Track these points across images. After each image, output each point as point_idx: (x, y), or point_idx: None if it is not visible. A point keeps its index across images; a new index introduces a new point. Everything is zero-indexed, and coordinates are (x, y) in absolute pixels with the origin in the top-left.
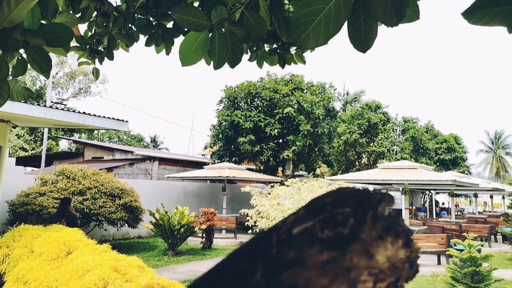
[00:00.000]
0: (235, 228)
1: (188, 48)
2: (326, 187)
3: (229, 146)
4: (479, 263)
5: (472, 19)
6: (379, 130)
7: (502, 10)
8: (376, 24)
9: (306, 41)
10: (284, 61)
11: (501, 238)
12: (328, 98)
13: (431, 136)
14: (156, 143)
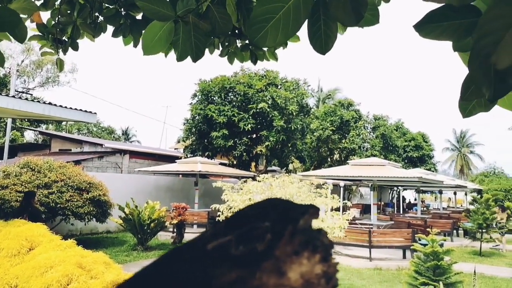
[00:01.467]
0: (206, 223)
1: (151, 37)
2: (297, 182)
3: (202, 141)
4: (441, 257)
5: (422, 32)
6: (351, 127)
7: (451, 25)
8: (336, 26)
9: (264, 39)
10: (256, 58)
11: (463, 233)
12: (302, 94)
13: (400, 134)
14: (127, 135)
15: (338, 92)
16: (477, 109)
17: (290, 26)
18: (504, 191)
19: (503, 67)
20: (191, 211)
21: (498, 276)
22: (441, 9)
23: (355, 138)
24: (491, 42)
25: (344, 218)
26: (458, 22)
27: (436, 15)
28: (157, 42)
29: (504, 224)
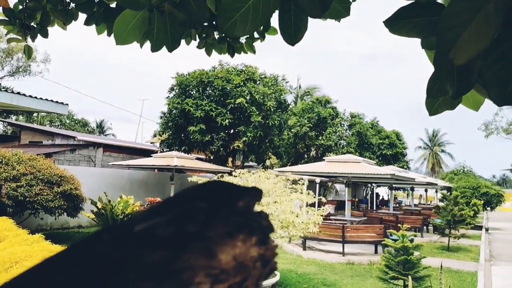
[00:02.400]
0: None
1: (124, 27)
2: (273, 178)
3: (179, 135)
4: (410, 252)
5: (392, 28)
6: (328, 124)
7: (419, 22)
8: (306, 17)
9: (233, 28)
10: (233, 50)
11: (432, 229)
12: (280, 90)
13: (375, 132)
14: (102, 129)
15: (317, 90)
16: (443, 107)
17: (259, 16)
18: (472, 188)
19: (461, 63)
20: None
21: (464, 270)
22: (410, 6)
23: (332, 135)
24: (451, 38)
25: (318, 213)
26: (426, 19)
27: (405, 12)
28: (130, 31)
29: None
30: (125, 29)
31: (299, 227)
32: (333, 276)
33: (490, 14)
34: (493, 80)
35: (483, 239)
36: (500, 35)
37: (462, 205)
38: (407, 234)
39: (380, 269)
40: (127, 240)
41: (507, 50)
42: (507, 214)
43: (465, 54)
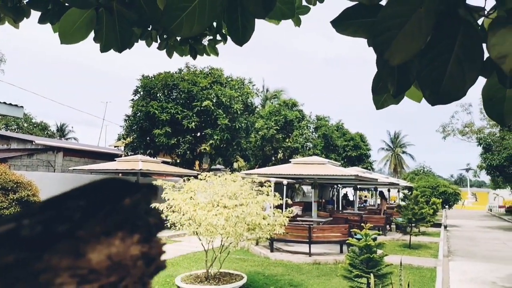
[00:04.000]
0: None
1: (69, 25)
2: (240, 180)
3: (144, 138)
4: (373, 250)
5: (339, 28)
6: (295, 127)
7: (364, 23)
8: (253, 17)
9: (180, 27)
10: (195, 52)
11: (395, 227)
12: (247, 93)
13: (340, 134)
14: (63, 132)
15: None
16: (388, 102)
17: (206, 16)
18: (431, 188)
19: (396, 64)
20: None
21: (424, 266)
22: (355, 7)
23: (298, 137)
24: (385, 40)
25: (284, 215)
26: (369, 20)
27: (351, 13)
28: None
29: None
30: (71, 28)
31: (265, 229)
32: (299, 276)
33: (422, 17)
34: (426, 81)
35: (442, 236)
36: (432, 38)
37: (422, 204)
38: (370, 233)
39: (344, 268)
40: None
41: (439, 53)
42: (464, 212)
43: (400, 55)
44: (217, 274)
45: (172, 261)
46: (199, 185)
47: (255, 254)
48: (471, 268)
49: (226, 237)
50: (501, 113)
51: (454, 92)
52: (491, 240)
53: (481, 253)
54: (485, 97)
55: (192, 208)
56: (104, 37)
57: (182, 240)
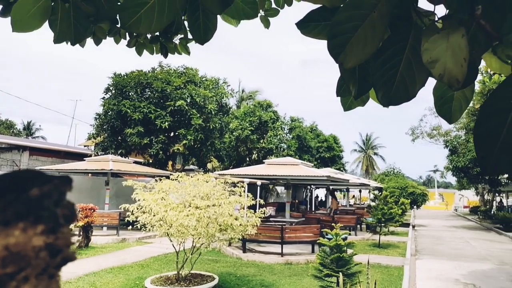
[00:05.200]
0: (117, 224)
1: (23, 13)
2: (212, 181)
3: (115, 138)
4: (343, 249)
5: (303, 30)
6: (269, 128)
7: (327, 25)
8: (215, 16)
9: (137, 24)
10: (166, 50)
11: (365, 227)
12: (222, 93)
13: (314, 136)
14: (30, 131)
15: (259, 93)
16: (355, 104)
17: (165, 14)
18: (400, 188)
19: (349, 67)
20: (101, 212)
21: (392, 265)
22: (319, 10)
23: (273, 138)
24: (339, 43)
25: (256, 215)
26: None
27: (314, 15)
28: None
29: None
30: (24, 16)
31: (237, 229)
32: (271, 276)
33: (375, 21)
34: (379, 83)
35: (410, 236)
36: (385, 41)
37: (391, 204)
38: (340, 232)
39: (315, 267)
40: None
41: (391, 55)
42: (431, 212)
43: (353, 59)
44: (188, 276)
45: (142, 263)
46: (171, 186)
47: (227, 255)
48: (436, 266)
49: (197, 238)
50: (449, 111)
51: (405, 94)
52: (455, 239)
53: (446, 251)
54: (435, 96)
55: (163, 208)
56: (58, 28)
57: (153, 241)
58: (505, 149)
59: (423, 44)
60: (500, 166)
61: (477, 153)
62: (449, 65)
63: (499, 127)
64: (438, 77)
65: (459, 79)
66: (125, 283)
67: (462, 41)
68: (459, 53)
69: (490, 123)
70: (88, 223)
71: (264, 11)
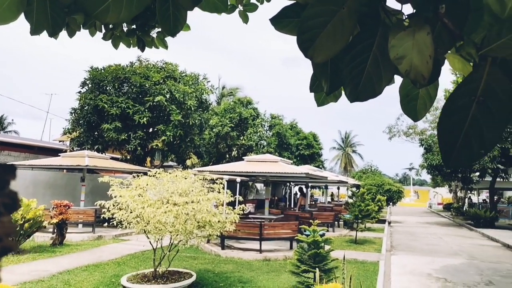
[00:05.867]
0: (93, 221)
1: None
2: (190, 177)
3: (92, 133)
4: (321, 246)
5: (278, 26)
6: (249, 125)
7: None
8: (186, 9)
9: (106, 13)
10: (143, 44)
11: (343, 223)
12: (201, 89)
13: (294, 133)
14: (2, 125)
15: (239, 90)
16: (328, 99)
17: (134, 3)
18: (377, 186)
19: (318, 62)
20: (76, 209)
21: (368, 261)
22: (292, 6)
23: (253, 135)
24: (309, 38)
25: (235, 212)
26: None
27: (288, 11)
28: (6, 10)
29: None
30: (0, 7)
31: (216, 226)
32: (249, 273)
33: (344, 17)
34: (347, 79)
35: (386, 232)
36: (354, 38)
37: (368, 201)
38: (318, 229)
39: (293, 263)
40: None
41: (359, 52)
42: (406, 209)
43: (322, 54)
44: (166, 273)
45: (118, 260)
46: (149, 182)
47: (206, 252)
48: (410, 261)
49: (175, 235)
50: (415, 109)
51: (372, 90)
52: (429, 235)
53: (420, 247)
54: (401, 94)
55: (141, 205)
56: (35, 19)
57: (130, 238)
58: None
59: (390, 41)
60: (461, 160)
61: (441, 148)
62: (415, 62)
63: (461, 123)
64: (405, 73)
65: (425, 75)
66: (101, 281)
67: (427, 39)
68: (425, 50)
69: (452, 119)
70: (63, 220)
71: (243, 6)
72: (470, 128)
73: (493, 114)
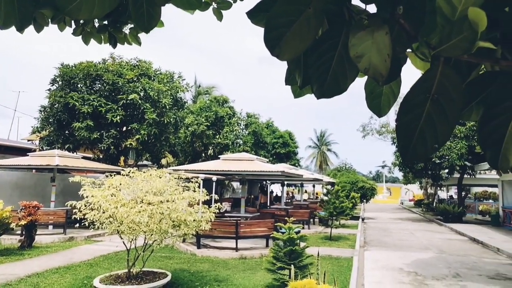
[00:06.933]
0: (64, 222)
1: None
2: (165, 176)
3: (62, 132)
4: (296, 243)
5: (254, 19)
6: (225, 123)
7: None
8: (159, 4)
9: (78, 10)
10: (115, 40)
11: (318, 220)
12: (176, 87)
13: (270, 132)
14: None
15: (215, 89)
16: (304, 92)
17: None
18: (351, 183)
19: (284, 60)
20: (46, 210)
21: (342, 256)
22: (267, 0)
23: (229, 134)
24: (275, 36)
25: (211, 211)
26: None
27: (263, 5)
28: None
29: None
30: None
31: (191, 225)
32: (225, 271)
33: (310, 17)
34: (314, 76)
35: (359, 228)
36: (320, 37)
37: (343, 198)
38: (293, 226)
39: (268, 261)
40: None
41: (326, 51)
42: (379, 205)
43: (288, 53)
44: (140, 273)
45: (91, 262)
46: (122, 181)
47: (181, 251)
48: (383, 256)
49: (149, 234)
50: (379, 106)
51: (337, 88)
52: (401, 230)
53: (392, 242)
54: (366, 91)
55: (114, 205)
56: (3, 12)
57: (103, 239)
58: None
59: (351, 39)
60: (417, 154)
61: (398, 143)
62: (373, 60)
63: (417, 119)
64: (364, 71)
65: (383, 73)
66: (72, 283)
67: (385, 38)
68: (383, 49)
69: (409, 115)
70: (32, 222)
71: (217, 4)
72: (425, 124)
73: (446, 111)
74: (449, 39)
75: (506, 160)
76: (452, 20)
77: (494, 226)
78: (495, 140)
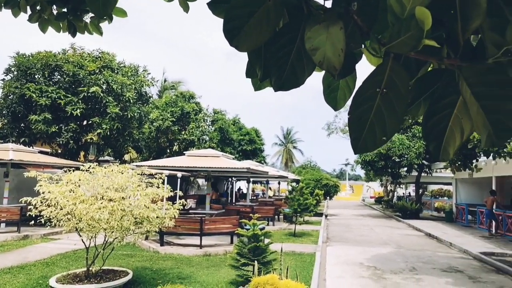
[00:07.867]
0: (18, 220)
1: None
2: (128, 172)
3: (17, 124)
4: (260, 239)
5: (215, 11)
6: (191, 119)
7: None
8: None
9: None
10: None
11: (283, 217)
12: (141, 81)
13: (236, 129)
14: None
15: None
16: (264, 85)
17: None
18: (315, 180)
19: (243, 51)
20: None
21: (305, 252)
22: None
23: (195, 130)
24: (234, 27)
25: (174, 207)
26: None
27: None
28: None
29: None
30: None
31: (154, 222)
32: (189, 269)
33: (270, 10)
34: (273, 69)
35: (323, 224)
36: (280, 30)
37: (307, 195)
38: (257, 223)
39: (232, 257)
40: None
41: (285, 44)
42: (342, 202)
43: (247, 44)
44: (99, 272)
45: (47, 261)
46: (82, 177)
47: (143, 249)
48: (344, 251)
49: (110, 232)
50: (335, 100)
51: (295, 80)
52: (362, 226)
53: (354, 238)
54: (324, 85)
55: (72, 201)
56: None
57: (61, 237)
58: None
59: (307, 33)
60: (367, 146)
61: (350, 135)
62: (328, 54)
63: (367, 112)
64: (318, 64)
65: (336, 67)
66: (26, 283)
67: (339, 33)
68: (337, 44)
69: (360, 108)
70: None
71: None
72: (375, 117)
73: (394, 105)
74: (398, 36)
75: (446, 153)
76: (401, 18)
77: (448, 222)
78: (437, 133)
